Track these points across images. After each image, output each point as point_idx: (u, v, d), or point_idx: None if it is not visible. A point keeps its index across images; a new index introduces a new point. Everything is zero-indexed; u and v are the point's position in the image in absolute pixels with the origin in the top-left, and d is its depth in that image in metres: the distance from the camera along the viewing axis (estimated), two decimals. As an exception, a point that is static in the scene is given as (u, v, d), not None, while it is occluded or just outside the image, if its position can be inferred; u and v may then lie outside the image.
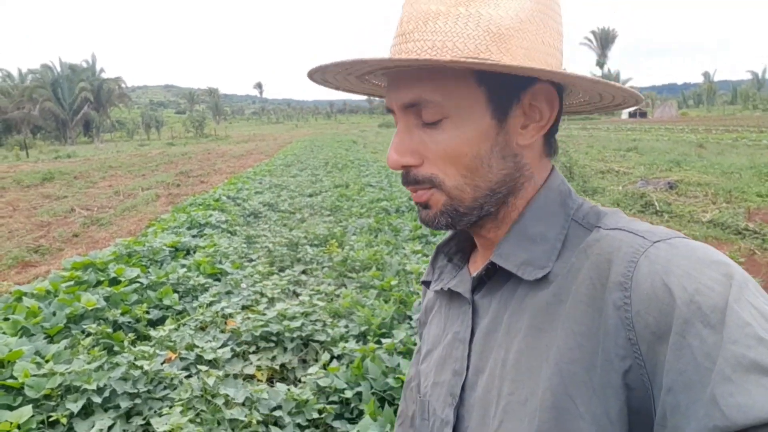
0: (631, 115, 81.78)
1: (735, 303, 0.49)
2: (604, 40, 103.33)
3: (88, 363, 3.13)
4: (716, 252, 0.56)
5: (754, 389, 0.45)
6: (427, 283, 0.86)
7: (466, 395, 0.70)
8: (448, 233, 0.84)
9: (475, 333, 0.71)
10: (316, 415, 2.90)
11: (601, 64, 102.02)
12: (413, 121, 0.65)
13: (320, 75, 0.69)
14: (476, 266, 0.77)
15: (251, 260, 5.94)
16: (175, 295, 4.57)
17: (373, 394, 3.00)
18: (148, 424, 2.83)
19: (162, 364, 3.29)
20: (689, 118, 71.32)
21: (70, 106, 59.81)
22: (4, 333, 3.62)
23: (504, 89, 0.64)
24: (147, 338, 3.90)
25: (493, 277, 0.70)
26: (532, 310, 0.63)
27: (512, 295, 0.67)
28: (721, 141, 24.14)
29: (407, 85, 0.64)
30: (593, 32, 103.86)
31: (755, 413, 0.44)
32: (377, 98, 0.88)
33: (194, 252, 6.14)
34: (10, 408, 2.79)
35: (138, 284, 4.71)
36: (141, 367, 3.12)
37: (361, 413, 2.94)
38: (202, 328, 4.03)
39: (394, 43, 0.65)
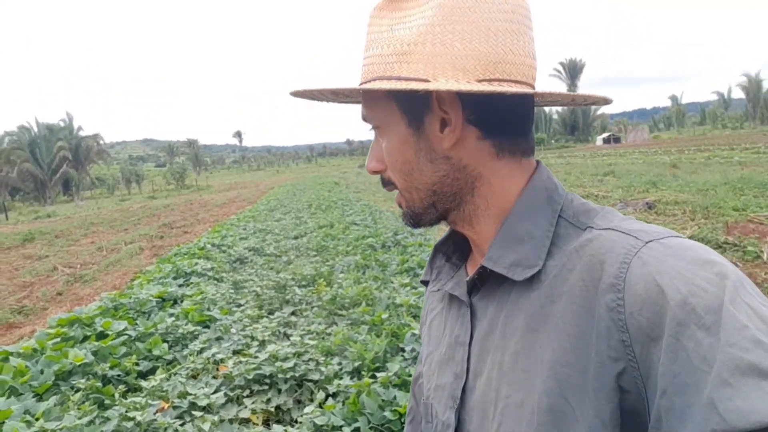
0: (605, 141, 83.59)
1: (730, 304, 0.49)
2: (573, 71, 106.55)
3: (79, 418, 3.07)
4: (710, 251, 0.55)
5: (752, 393, 0.44)
6: (425, 283, 0.88)
7: (467, 398, 0.70)
8: (446, 232, 0.85)
9: (473, 336, 0.71)
10: (314, 455, 2.86)
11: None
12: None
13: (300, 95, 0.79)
14: (473, 266, 0.77)
15: (239, 305, 5.90)
16: (165, 345, 4.50)
17: (371, 428, 2.97)
18: (144, 476, 2.77)
19: (155, 414, 3.24)
20: (661, 141, 73.13)
21: (48, 166, 59.52)
22: (-9, 394, 3.54)
23: (413, 100, 0.68)
24: (138, 390, 3.83)
25: (488, 280, 0.70)
26: (526, 311, 0.63)
27: (507, 297, 0.67)
28: (694, 160, 24.73)
29: (363, 104, 0.75)
30: (562, 63, 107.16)
31: (754, 417, 0.43)
32: (356, 140, 0.98)
33: (182, 301, 6.08)
34: (1, 470, 2.72)
35: (126, 336, 4.65)
36: (133, 419, 3.07)
37: (360, 449, 2.91)
38: (194, 376, 3.98)
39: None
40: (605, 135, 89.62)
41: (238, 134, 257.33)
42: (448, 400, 0.73)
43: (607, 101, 0.74)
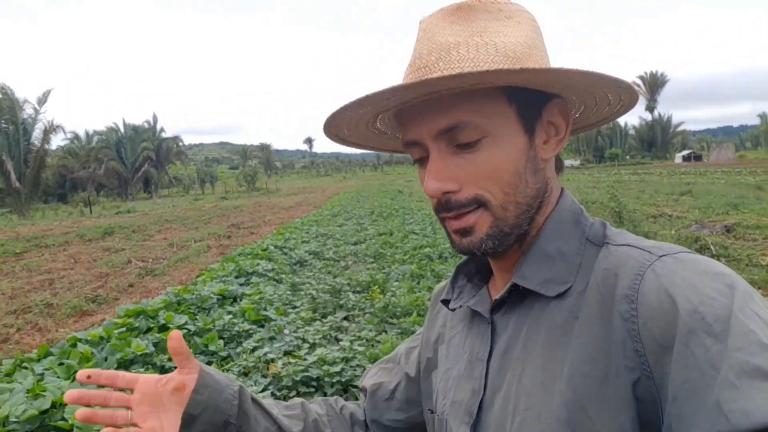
0: (685, 158, 79.62)
1: (739, 312, 0.50)
2: (653, 85, 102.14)
3: (135, 405, 3.21)
4: (720, 264, 0.57)
5: (758, 395, 0.45)
6: (446, 302, 0.86)
7: (483, 414, 0.70)
8: None
9: (493, 352, 0.72)
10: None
11: (651, 108, 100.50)
12: (444, 148, 0.66)
13: (341, 115, 0.69)
14: (495, 287, 0.79)
15: (295, 307, 6.02)
16: (221, 341, 4.66)
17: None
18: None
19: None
20: (747, 161, 68.76)
21: (132, 165, 63.13)
22: (58, 377, 3.77)
23: (530, 106, 0.68)
24: (192, 383, 3.98)
25: (512, 296, 0.71)
26: (548, 325, 0.64)
27: (529, 312, 0.68)
28: (782, 182, 23.11)
29: (442, 111, 0.65)
30: (641, 77, 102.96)
31: (759, 418, 0.44)
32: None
33: (240, 299, 6.28)
34: (60, 449, 2.88)
35: (186, 330, 4.84)
36: (184, 410, 3.18)
37: (398, 459, 2.89)
38: (245, 373, 4.09)
39: (411, 79, 0.66)
40: (685, 152, 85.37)
41: (309, 140, 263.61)
42: (464, 415, 0.73)
43: (631, 95, 0.69)
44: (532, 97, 0.68)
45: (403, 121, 0.71)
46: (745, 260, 7.84)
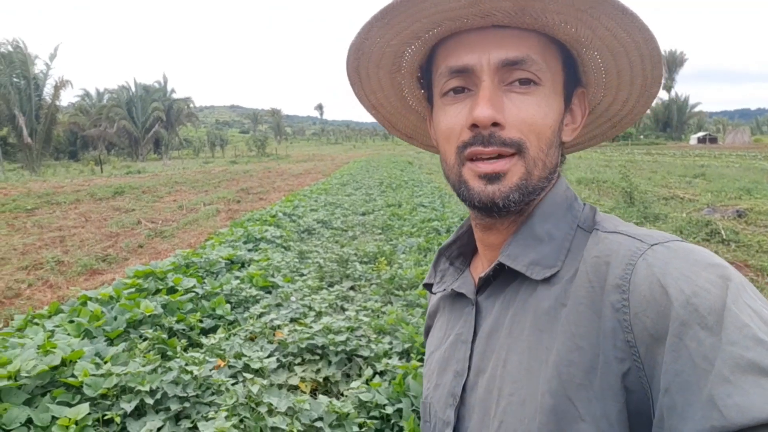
0: (700, 140, 78.55)
1: (733, 304, 0.49)
2: (672, 64, 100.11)
3: (143, 366, 3.27)
4: (713, 255, 0.56)
5: (752, 390, 0.45)
6: (428, 286, 0.86)
7: (467, 396, 0.70)
8: (451, 236, 0.85)
9: (477, 334, 0.72)
10: (356, 429, 2.92)
11: (668, 87, 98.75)
12: (497, 83, 0.64)
13: (366, 45, 0.69)
14: (478, 270, 0.78)
15: (302, 275, 6.06)
16: (228, 306, 4.72)
17: (413, 411, 2.99)
18: (195, 427, 2.92)
19: (211, 370, 3.40)
20: (763, 145, 67.73)
21: (142, 125, 63.03)
22: (68, 334, 3.84)
23: (571, 80, 0.69)
24: (199, 345, 4.05)
25: (498, 278, 0.70)
26: (534, 311, 0.64)
27: (515, 296, 0.67)
28: (797, 169, 22.79)
29: (512, 43, 0.64)
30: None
31: (753, 414, 0.44)
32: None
33: (248, 265, 6.33)
34: (69, 405, 2.94)
35: (194, 294, 4.90)
36: (191, 373, 3.24)
37: (401, 430, 2.94)
38: (251, 339, 4.15)
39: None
40: (700, 134, 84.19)
41: (320, 107, 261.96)
42: (447, 397, 0.73)
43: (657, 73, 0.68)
44: (573, 73, 0.69)
45: (450, 48, 0.68)
46: (755, 246, 7.79)
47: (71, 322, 4.10)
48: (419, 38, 0.69)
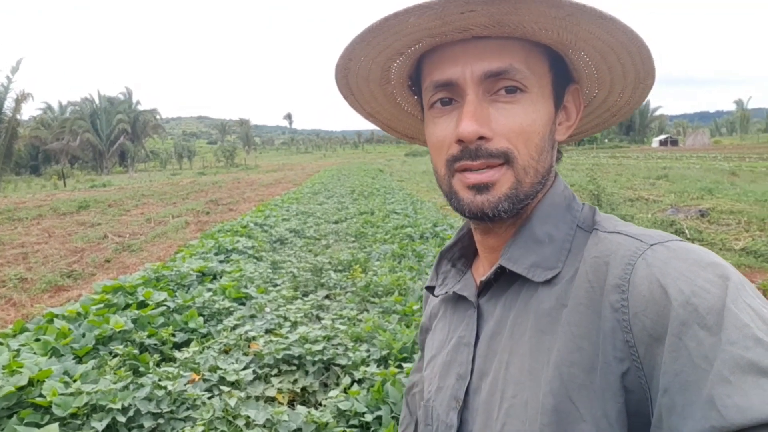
0: (662, 143, 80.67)
1: (732, 304, 0.49)
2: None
3: (114, 383, 3.19)
4: (712, 254, 0.56)
5: (751, 390, 0.45)
6: (431, 289, 0.85)
7: (470, 399, 0.70)
8: (452, 238, 0.85)
9: (479, 337, 0.71)
10: (335, 439, 2.89)
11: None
12: (481, 95, 0.64)
13: (352, 62, 0.69)
14: (479, 272, 0.78)
15: (276, 285, 5.99)
16: (201, 319, 4.63)
17: (393, 418, 2.97)
18: (170, 444, 2.86)
19: (185, 385, 3.33)
20: (722, 146, 70.05)
21: (107, 137, 61.77)
22: (34, 353, 3.71)
23: (561, 80, 0.68)
24: (172, 360, 3.96)
25: (499, 280, 0.70)
26: (536, 312, 0.64)
27: (516, 298, 0.67)
28: (755, 169, 23.58)
29: (494, 53, 0.64)
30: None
31: (753, 414, 0.44)
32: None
33: (220, 277, 6.23)
34: (38, 426, 2.84)
35: (165, 307, 4.80)
36: (165, 388, 3.16)
37: (380, 437, 2.92)
38: (226, 351, 4.08)
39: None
40: (662, 137, 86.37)
41: (289, 116, 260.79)
42: (450, 401, 0.73)
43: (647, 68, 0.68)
44: (563, 72, 0.69)
45: (434, 61, 0.68)
46: (718, 244, 8.02)
47: (37, 340, 3.96)
48: (402, 54, 0.69)
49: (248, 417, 2.92)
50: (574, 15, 0.59)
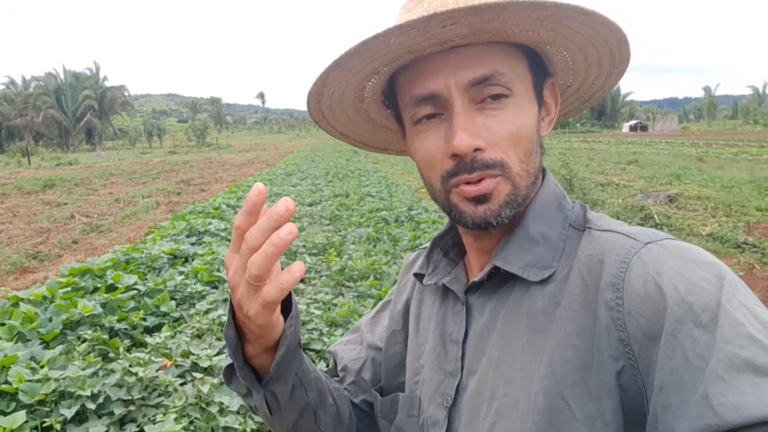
0: (632, 128, 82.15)
1: (727, 303, 0.49)
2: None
3: (83, 369, 3.12)
4: (707, 253, 0.56)
5: (746, 388, 0.44)
6: (419, 276, 0.83)
7: (458, 397, 0.69)
8: (445, 226, 0.83)
9: (468, 334, 0.71)
10: (310, 424, 2.88)
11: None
12: (468, 104, 0.62)
13: (326, 87, 0.66)
14: (471, 266, 0.77)
15: (249, 268, 5.93)
16: (173, 303, 4.56)
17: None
18: (142, 431, 2.81)
19: (157, 371, 3.27)
20: (690, 132, 71.66)
21: (73, 114, 60.11)
22: (0, 338, 3.61)
23: (540, 77, 0.68)
24: (143, 345, 3.89)
25: (491, 280, 0.69)
26: (528, 311, 0.63)
27: (508, 297, 0.67)
28: (721, 155, 24.21)
29: (476, 60, 0.62)
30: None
31: (748, 412, 0.43)
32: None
33: (192, 259, 6.14)
34: (4, 414, 2.77)
35: (135, 291, 4.71)
36: (136, 374, 3.10)
37: (356, 423, 2.93)
38: (199, 336, 4.02)
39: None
40: (632, 122, 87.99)
41: (261, 95, 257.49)
42: (437, 397, 0.72)
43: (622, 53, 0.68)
44: (540, 68, 0.68)
45: (412, 76, 0.65)
46: (686, 230, 8.21)
47: (2, 324, 3.85)
48: (378, 72, 0.67)
49: (222, 403, 2.89)
50: (556, 14, 0.58)
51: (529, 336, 0.62)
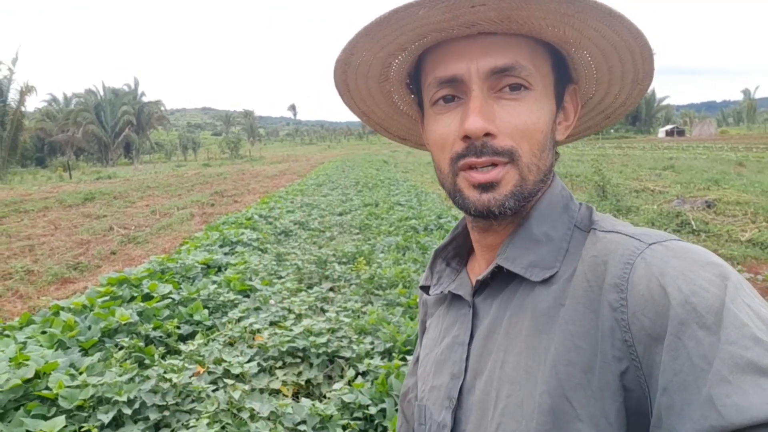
0: (668, 133, 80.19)
1: (731, 303, 0.49)
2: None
3: (120, 375, 3.21)
4: (711, 254, 0.56)
5: (750, 389, 0.44)
6: (425, 288, 0.85)
7: (464, 398, 0.70)
8: (447, 237, 0.85)
9: (474, 336, 0.71)
10: (340, 431, 2.90)
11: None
12: (487, 92, 0.64)
13: (352, 58, 0.68)
14: (474, 271, 0.78)
15: (280, 277, 6.00)
16: (206, 311, 4.65)
17: (397, 410, 2.98)
18: (176, 436, 2.88)
19: (190, 377, 3.35)
20: (729, 136, 69.52)
21: (112, 129, 61.82)
22: (41, 345, 3.74)
23: (563, 78, 0.69)
24: (177, 352, 3.98)
25: (496, 279, 0.70)
26: (532, 311, 0.63)
27: (513, 297, 0.67)
28: (761, 159, 23.43)
29: (499, 50, 0.63)
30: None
31: (752, 413, 0.43)
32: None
33: (225, 269, 6.25)
34: (44, 418, 2.86)
35: (170, 300, 4.82)
36: (170, 380, 3.18)
37: (385, 430, 2.93)
38: (231, 344, 4.09)
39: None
40: (668, 127, 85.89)
41: (293, 108, 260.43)
42: (444, 400, 0.72)
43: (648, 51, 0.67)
44: (563, 72, 0.69)
45: (437, 58, 0.67)
46: (725, 236, 7.98)
47: (44, 332, 3.99)
48: (405, 49, 0.69)
49: (252, 409, 2.93)
50: (583, 12, 0.59)
51: (533, 337, 0.62)
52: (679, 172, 18.26)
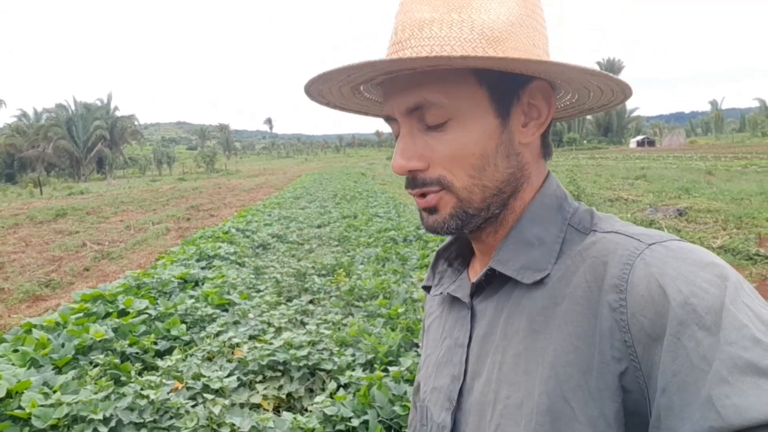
0: (639, 144, 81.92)
1: (731, 304, 0.49)
2: (610, 71, 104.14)
3: (95, 393, 3.13)
4: (711, 254, 0.55)
5: (750, 390, 0.44)
6: (427, 288, 0.85)
7: (464, 400, 0.69)
8: (448, 238, 0.84)
9: (472, 337, 0.71)
10: (322, 444, 2.87)
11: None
12: (416, 125, 0.65)
13: (320, 84, 0.68)
14: (475, 271, 0.78)
15: (259, 291, 5.95)
16: (183, 326, 4.57)
17: (380, 422, 2.97)
18: (154, 454, 2.81)
19: (168, 393, 3.28)
20: (698, 146, 71.38)
21: (84, 144, 60.93)
22: (12, 364, 3.63)
23: (505, 88, 0.65)
24: (154, 368, 3.90)
25: (491, 282, 0.70)
26: (528, 312, 0.63)
27: (509, 299, 0.67)
28: (730, 168, 24.07)
29: (409, 89, 0.64)
30: (599, 63, 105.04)
31: (751, 414, 0.43)
32: (385, 132, 0.91)
33: (203, 283, 6.17)
34: (17, 439, 2.79)
35: (146, 315, 4.73)
36: (147, 397, 3.11)
37: (367, 442, 2.91)
38: (209, 358, 4.03)
39: (388, 53, 0.65)
40: (639, 138, 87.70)
41: (269, 121, 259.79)
42: (444, 401, 0.72)
43: (626, 93, 0.67)
44: (509, 79, 0.65)
45: (383, 93, 0.70)
46: (697, 243, 8.14)
47: (15, 351, 3.88)
48: (362, 84, 0.72)
49: (233, 425, 2.89)
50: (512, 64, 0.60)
51: (530, 337, 0.62)
52: (650, 181, 18.65)
